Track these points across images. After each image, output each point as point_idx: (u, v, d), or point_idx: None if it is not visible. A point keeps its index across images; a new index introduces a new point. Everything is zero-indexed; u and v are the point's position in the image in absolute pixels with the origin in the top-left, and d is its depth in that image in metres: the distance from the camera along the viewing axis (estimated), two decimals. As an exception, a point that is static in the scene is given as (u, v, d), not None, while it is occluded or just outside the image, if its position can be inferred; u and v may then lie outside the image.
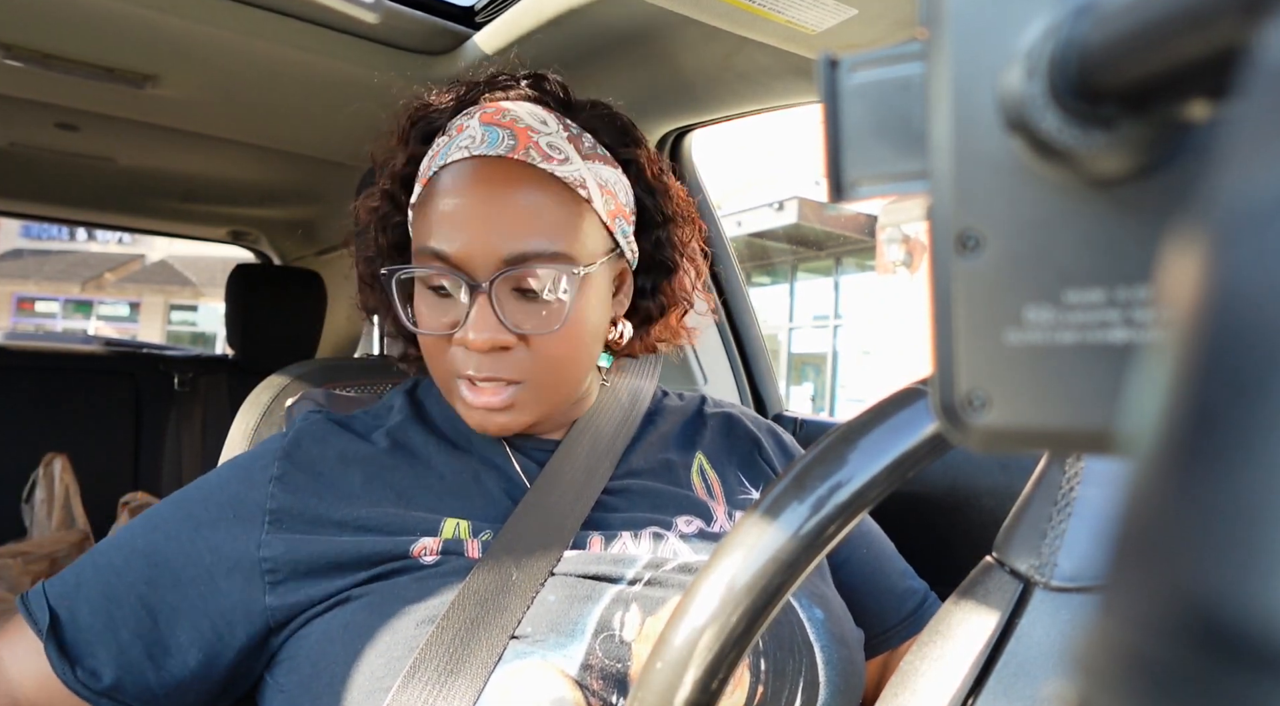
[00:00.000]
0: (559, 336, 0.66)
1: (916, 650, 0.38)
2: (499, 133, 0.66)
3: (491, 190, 0.64)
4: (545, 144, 0.66)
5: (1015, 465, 0.91)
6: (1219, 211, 0.10)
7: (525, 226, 0.64)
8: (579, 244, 0.66)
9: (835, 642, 0.61)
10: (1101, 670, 0.10)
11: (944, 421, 0.19)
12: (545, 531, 0.64)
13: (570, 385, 0.70)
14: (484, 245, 0.63)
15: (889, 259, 9.29)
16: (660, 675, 0.31)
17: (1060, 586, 0.35)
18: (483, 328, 0.64)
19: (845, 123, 0.21)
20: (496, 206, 0.64)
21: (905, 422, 0.33)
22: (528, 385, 0.67)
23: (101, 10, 0.97)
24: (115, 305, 19.28)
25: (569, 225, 0.66)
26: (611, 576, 0.61)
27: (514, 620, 0.57)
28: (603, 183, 0.69)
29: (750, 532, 0.32)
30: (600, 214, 0.68)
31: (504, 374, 0.66)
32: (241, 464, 0.69)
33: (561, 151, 0.67)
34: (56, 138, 1.57)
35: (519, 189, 0.65)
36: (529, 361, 0.66)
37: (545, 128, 0.68)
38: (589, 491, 0.69)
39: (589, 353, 0.70)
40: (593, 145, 0.70)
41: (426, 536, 0.63)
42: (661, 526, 0.68)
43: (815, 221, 9.86)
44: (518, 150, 0.65)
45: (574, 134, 0.69)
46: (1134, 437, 0.11)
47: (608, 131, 0.73)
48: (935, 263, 0.19)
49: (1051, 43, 0.16)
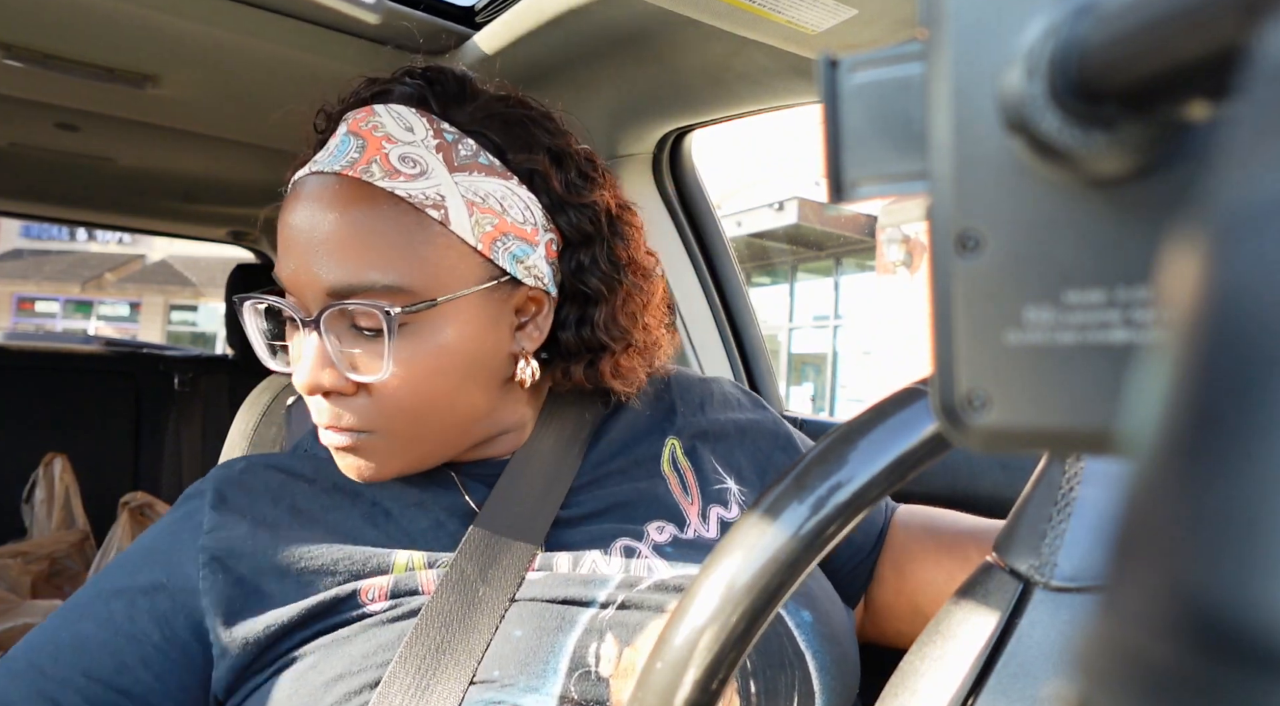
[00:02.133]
0: (399, 382, 0.57)
1: (916, 650, 0.38)
2: (351, 142, 0.58)
3: (319, 211, 0.56)
4: (396, 156, 0.57)
5: (1015, 465, 0.91)
6: (1219, 211, 0.10)
7: (350, 253, 0.55)
8: (422, 274, 0.56)
9: (827, 643, 0.58)
10: (1101, 670, 0.10)
11: (944, 421, 0.19)
12: (501, 556, 0.58)
13: (432, 433, 0.60)
14: (309, 275, 0.56)
15: (889, 259, 9.29)
16: (660, 675, 0.31)
17: (1060, 586, 0.35)
18: (304, 369, 0.56)
19: (845, 123, 0.21)
20: (322, 230, 0.56)
21: (905, 422, 0.33)
22: (376, 434, 0.59)
23: (101, 10, 0.97)
24: (115, 305, 19.28)
25: (407, 252, 0.56)
26: (582, 599, 0.57)
27: (474, 660, 0.53)
28: (477, 198, 0.59)
29: (750, 533, 0.32)
30: (465, 236, 0.58)
31: (342, 423, 0.58)
32: (166, 524, 0.63)
33: (418, 164, 0.57)
34: (56, 138, 1.57)
35: (349, 210, 0.56)
36: (373, 410, 0.58)
37: (408, 136, 0.58)
38: (547, 507, 0.63)
39: (452, 398, 0.59)
40: (474, 153, 0.60)
41: (377, 576, 0.58)
42: (632, 537, 0.62)
43: (815, 221, 9.86)
44: (359, 164, 0.57)
45: (448, 141, 0.59)
46: (1134, 438, 0.11)
47: (503, 134, 0.62)
48: (935, 263, 0.19)
49: (1051, 43, 0.16)
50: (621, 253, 0.67)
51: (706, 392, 0.77)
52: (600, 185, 0.67)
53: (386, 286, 0.55)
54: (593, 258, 0.65)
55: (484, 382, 0.62)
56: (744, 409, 0.78)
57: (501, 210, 0.60)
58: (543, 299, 0.64)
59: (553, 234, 0.64)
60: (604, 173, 0.69)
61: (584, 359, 0.66)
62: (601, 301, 0.66)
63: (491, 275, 0.60)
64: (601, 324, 0.66)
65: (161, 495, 2.03)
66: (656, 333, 0.71)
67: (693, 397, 0.76)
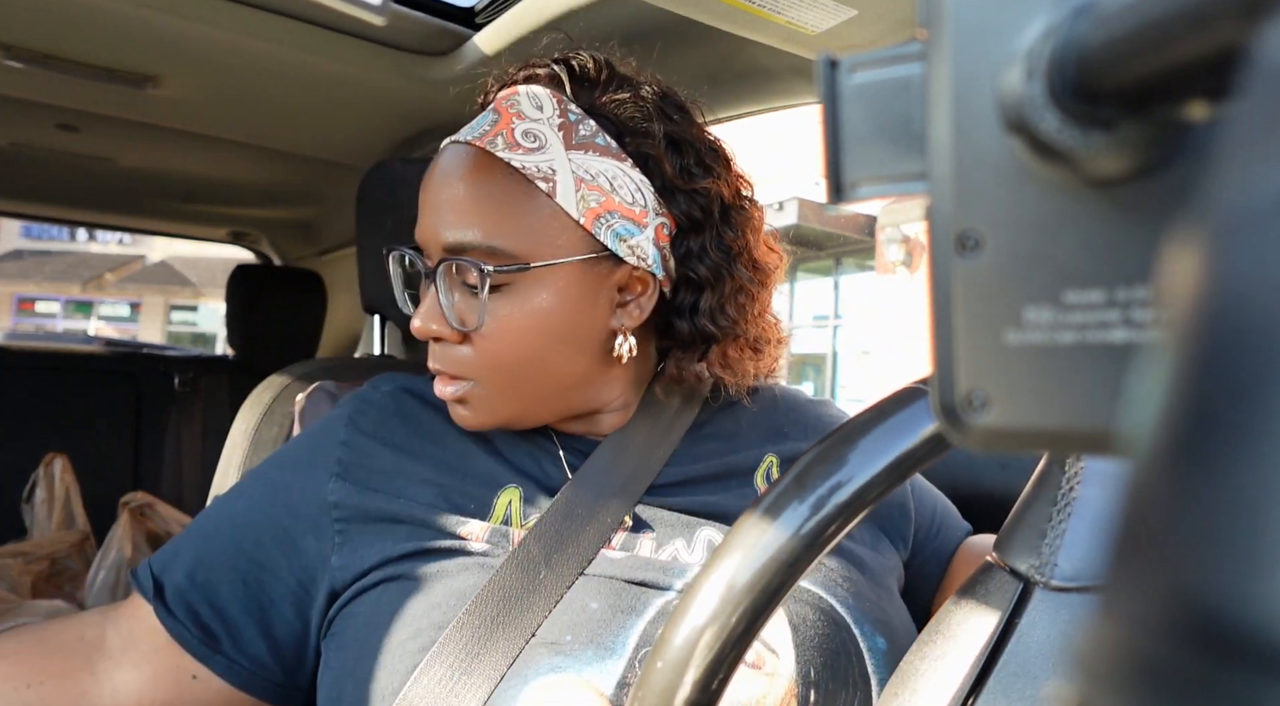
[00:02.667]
0: (496, 337, 0.62)
1: (916, 649, 0.38)
2: (489, 116, 0.64)
3: (446, 176, 0.63)
4: (521, 131, 0.62)
5: (1015, 465, 0.91)
6: (1219, 211, 0.10)
7: (461, 215, 0.61)
8: (522, 239, 0.61)
9: None
10: (1101, 670, 0.10)
11: (944, 421, 0.19)
12: (580, 529, 0.62)
13: (529, 391, 0.65)
14: (432, 231, 0.63)
15: (889, 259, 9.29)
16: (660, 675, 0.31)
17: (1060, 586, 0.35)
18: (420, 316, 0.64)
19: (845, 123, 0.21)
20: (445, 193, 0.63)
21: (906, 422, 0.33)
22: (478, 384, 0.64)
23: (101, 11, 0.97)
24: (115, 305, 19.28)
25: (511, 218, 0.61)
26: (660, 584, 0.59)
27: (537, 620, 0.56)
28: (587, 176, 0.62)
29: (750, 532, 0.32)
30: (569, 208, 0.61)
31: (448, 368, 0.64)
32: (312, 431, 0.70)
33: (538, 139, 0.62)
34: (57, 138, 1.57)
35: (469, 176, 0.62)
36: (472, 358, 0.63)
37: (536, 112, 0.63)
38: (632, 489, 0.65)
39: (547, 360, 0.63)
40: (592, 133, 0.63)
41: (476, 519, 0.62)
42: (718, 534, 0.64)
43: (815, 221, 9.85)
44: (487, 136, 0.62)
45: (570, 121, 0.63)
46: (1134, 438, 0.11)
47: (622, 119, 0.65)
48: (935, 263, 0.19)
49: (1051, 43, 0.16)
50: (733, 242, 0.68)
51: (815, 416, 0.77)
52: (719, 174, 0.68)
53: (490, 247, 0.61)
54: (702, 245, 0.67)
55: (580, 350, 0.65)
56: None
57: (611, 189, 0.63)
58: (648, 279, 0.66)
59: (665, 218, 0.66)
60: (729, 163, 0.70)
61: (696, 349, 0.68)
62: (708, 289, 0.67)
63: (592, 249, 0.63)
64: (708, 311, 0.67)
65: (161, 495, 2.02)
66: (768, 329, 0.72)
67: (801, 420, 0.76)
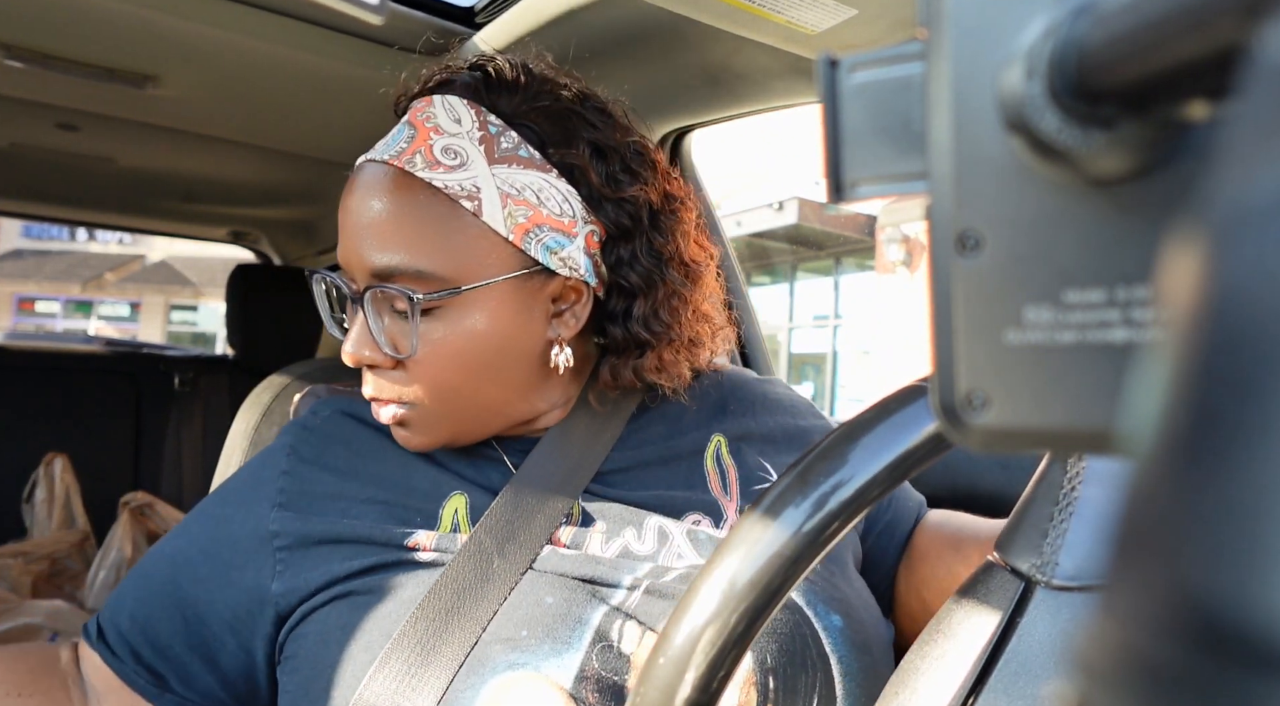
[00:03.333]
0: (431, 361, 0.61)
1: (917, 648, 0.38)
2: (404, 131, 0.62)
3: (365, 196, 0.61)
4: (440, 148, 0.61)
5: (1015, 465, 0.91)
6: (1219, 211, 0.10)
7: (387, 239, 0.60)
8: (453, 261, 0.60)
9: (856, 651, 0.58)
10: (1102, 669, 0.10)
11: (944, 421, 0.19)
12: (530, 519, 0.62)
13: (469, 410, 0.64)
14: (356, 255, 0.61)
15: (889, 259, 9.29)
16: (661, 674, 0.31)
17: (1061, 585, 0.35)
18: (351, 341, 0.62)
19: (845, 123, 0.21)
20: (366, 215, 0.60)
21: (907, 421, 0.33)
22: (416, 407, 0.63)
23: (101, 10, 0.97)
24: (115, 305, 19.28)
25: (438, 240, 0.60)
26: (610, 580, 0.59)
27: (491, 609, 0.57)
28: (513, 191, 0.61)
29: (751, 530, 0.32)
30: (496, 226, 0.60)
31: (383, 395, 0.63)
32: (253, 463, 0.70)
33: (459, 155, 0.61)
34: (57, 138, 1.57)
35: (389, 198, 0.60)
36: (408, 384, 0.62)
37: (455, 127, 0.61)
38: (578, 478, 0.65)
39: (484, 378, 0.63)
40: (515, 145, 0.62)
41: (423, 530, 0.62)
42: (671, 517, 0.65)
43: (815, 221, 9.85)
44: (404, 154, 0.61)
45: (491, 134, 0.62)
46: (1134, 437, 0.11)
47: (544, 127, 0.63)
48: (935, 263, 0.19)
49: (1051, 43, 0.16)
50: (663, 247, 0.68)
51: (761, 394, 0.77)
52: (646, 179, 0.67)
53: (418, 271, 0.59)
54: (632, 252, 0.66)
55: (517, 365, 0.64)
56: (799, 415, 0.78)
57: (538, 202, 0.62)
58: (581, 288, 0.66)
59: (594, 226, 0.65)
60: (655, 166, 0.69)
61: (631, 353, 0.68)
62: (641, 295, 0.67)
63: (523, 265, 0.62)
64: (641, 318, 0.67)
65: (161, 495, 2.03)
66: (702, 328, 0.72)
67: (746, 397, 0.76)
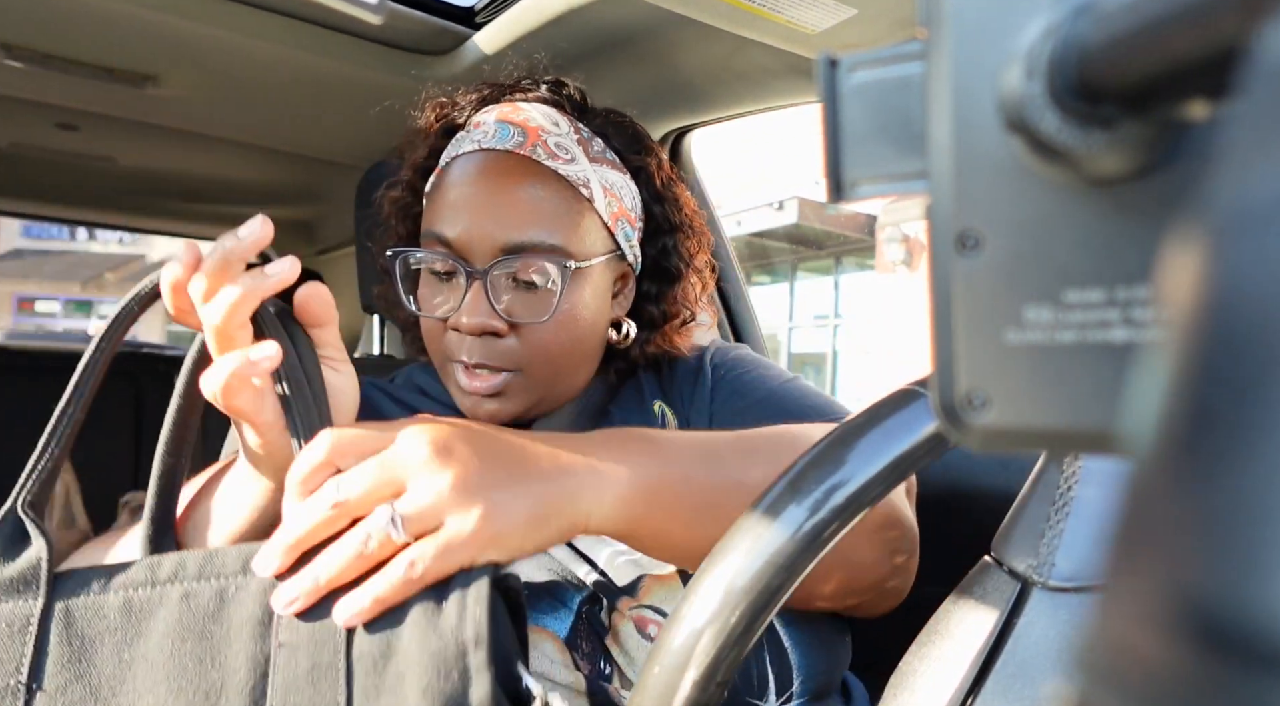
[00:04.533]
0: (550, 327, 0.68)
1: (915, 650, 0.38)
2: (510, 129, 0.69)
3: (495, 181, 0.67)
4: (553, 143, 0.69)
5: (1015, 465, 0.91)
6: (1219, 211, 0.10)
7: (524, 218, 0.66)
8: (576, 240, 0.68)
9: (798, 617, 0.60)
10: (1100, 669, 0.10)
11: (944, 421, 0.19)
12: None
13: (564, 377, 0.72)
14: (483, 233, 0.66)
15: (889, 258, 9.29)
16: (659, 676, 0.31)
17: (1058, 586, 0.35)
18: (475, 312, 0.66)
19: (845, 123, 0.21)
20: (499, 197, 0.66)
21: (901, 425, 0.33)
22: (520, 374, 0.69)
23: (101, 10, 0.97)
24: (115, 305, 19.15)
25: (567, 221, 0.68)
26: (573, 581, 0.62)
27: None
28: (607, 185, 0.71)
29: (748, 534, 0.32)
30: (601, 214, 0.70)
31: (494, 361, 0.68)
32: None
33: (568, 151, 0.69)
34: (57, 138, 1.57)
35: (522, 182, 0.67)
36: (520, 350, 0.68)
37: (556, 128, 0.70)
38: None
39: (583, 347, 0.71)
40: (602, 149, 0.73)
41: None
42: None
43: (815, 221, 9.85)
44: (526, 146, 0.68)
45: (584, 137, 0.72)
46: (1134, 437, 0.11)
47: (619, 138, 0.75)
48: (935, 263, 0.19)
49: (1051, 42, 0.16)
50: (693, 244, 0.80)
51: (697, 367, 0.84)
52: (679, 185, 0.79)
53: (552, 246, 0.67)
54: (675, 243, 0.78)
55: (598, 339, 0.74)
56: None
57: (620, 197, 0.72)
58: (629, 274, 0.77)
59: (641, 219, 0.76)
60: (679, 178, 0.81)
61: (659, 329, 0.78)
62: (680, 279, 0.78)
63: (611, 249, 0.72)
64: (674, 298, 0.78)
65: (161, 495, 2.02)
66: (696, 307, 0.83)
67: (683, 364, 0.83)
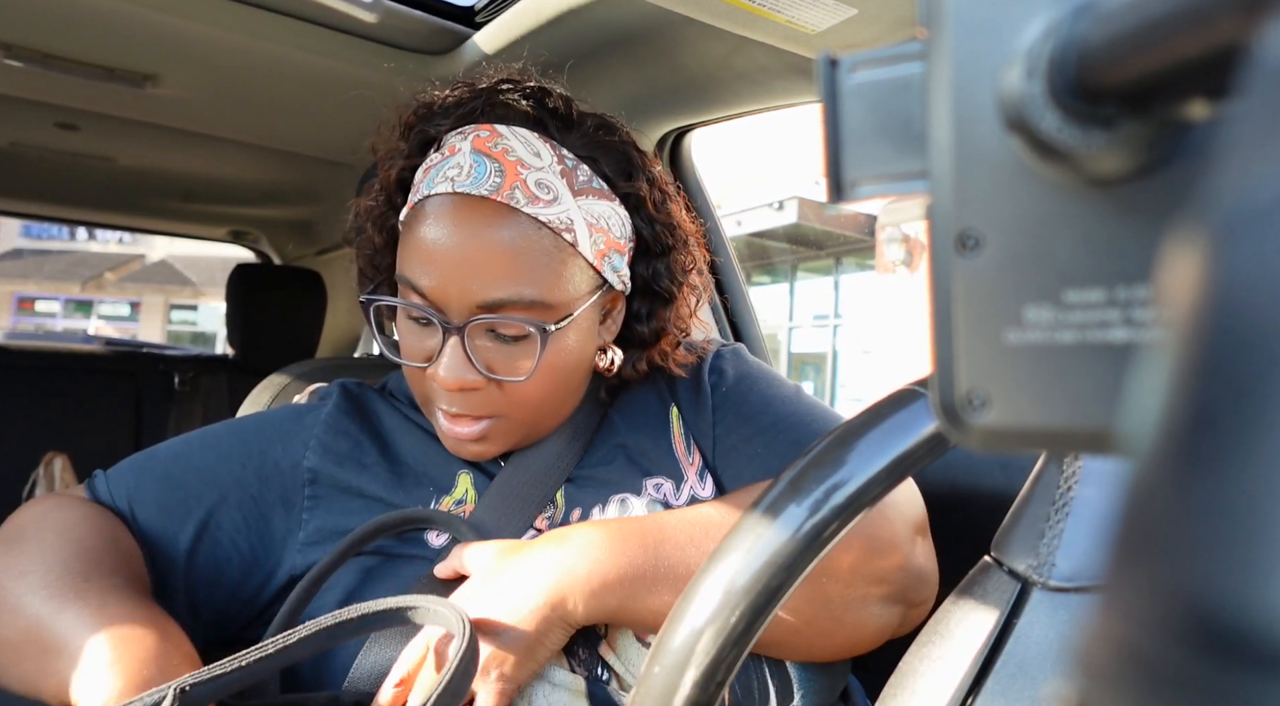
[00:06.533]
0: (532, 381, 0.65)
1: (915, 650, 0.38)
2: (487, 167, 0.64)
3: (470, 231, 0.62)
4: (533, 182, 0.64)
5: (1015, 465, 0.91)
6: (1219, 211, 0.10)
7: (502, 272, 0.62)
8: (559, 289, 0.64)
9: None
10: (1100, 669, 0.10)
11: (944, 421, 0.19)
12: (512, 510, 0.67)
13: (547, 418, 0.71)
14: (459, 288, 0.62)
15: (889, 258, 9.29)
16: (659, 676, 0.31)
17: (1058, 586, 0.35)
18: (451, 369, 0.64)
19: (845, 123, 0.21)
20: (474, 249, 0.62)
21: (901, 425, 0.33)
22: (501, 420, 0.67)
23: (101, 10, 0.97)
24: (115, 305, 19.28)
25: (548, 272, 0.64)
26: None
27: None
28: (593, 220, 0.66)
29: (748, 534, 0.32)
30: (587, 256, 0.66)
31: (474, 411, 0.66)
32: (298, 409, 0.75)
33: (550, 189, 0.64)
34: (56, 137, 1.57)
35: (499, 232, 0.62)
36: (502, 399, 0.66)
37: (537, 161, 0.65)
38: (560, 468, 0.71)
39: (569, 384, 0.70)
40: (589, 178, 0.67)
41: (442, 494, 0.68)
42: (631, 492, 0.69)
43: (815, 221, 9.85)
44: (503, 190, 0.63)
45: (568, 167, 0.66)
46: (1134, 437, 0.11)
47: (608, 160, 0.69)
48: (935, 262, 0.19)
49: (1051, 42, 0.16)
50: (686, 260, 0.76)
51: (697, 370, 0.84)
52: (674, 200, 0.75)
53: (532, 301, 0.63)
54: (667, 264, 0.74)
55: (584, 372, 0.72)
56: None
57: (608, 229, 0.68)
58: (619, 297, 0.73)
59: (632, 241, 0.72)
60: (676, 187, 0.77)
61: (652, 348, 0.75)
62: (673, 300, 0.75)
63: (598, 285, 0.69)
64: (667, 318, 0.75)
65: (161, 495, 2.02)
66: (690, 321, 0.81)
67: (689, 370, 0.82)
